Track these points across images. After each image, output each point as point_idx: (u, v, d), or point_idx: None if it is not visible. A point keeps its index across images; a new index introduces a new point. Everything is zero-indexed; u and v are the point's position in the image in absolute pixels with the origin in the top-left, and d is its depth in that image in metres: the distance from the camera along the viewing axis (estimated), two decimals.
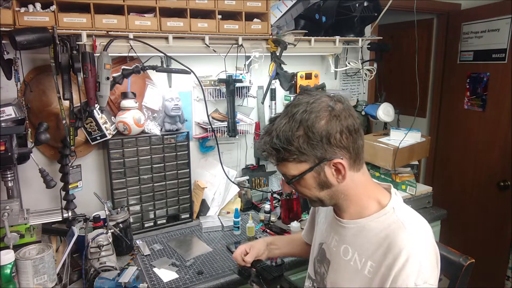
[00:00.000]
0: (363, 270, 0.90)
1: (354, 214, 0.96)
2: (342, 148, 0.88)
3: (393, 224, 0.89)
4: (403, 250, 0.83)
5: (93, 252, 1.37)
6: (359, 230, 0.94)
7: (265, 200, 2.21)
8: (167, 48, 1.66)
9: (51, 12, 1.40)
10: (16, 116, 1.40)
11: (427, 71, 3.11)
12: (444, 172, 3.08)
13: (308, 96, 0.91)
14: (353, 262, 0.93)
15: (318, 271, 1.06)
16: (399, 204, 0.94)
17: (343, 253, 0.97)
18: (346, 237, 0.97)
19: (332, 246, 1.01)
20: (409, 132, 2.10)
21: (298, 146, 0.87)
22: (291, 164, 0.90)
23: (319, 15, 1.99)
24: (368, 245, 0.91)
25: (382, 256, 0.86)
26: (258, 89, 2.19)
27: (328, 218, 1.08)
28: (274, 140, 0.89)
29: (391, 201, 0.94)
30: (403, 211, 0.92)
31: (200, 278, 1.45)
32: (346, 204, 0.96)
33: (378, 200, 0.95)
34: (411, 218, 0.90)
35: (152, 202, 1.88)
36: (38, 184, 1.58)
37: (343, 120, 0.87)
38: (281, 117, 0.91)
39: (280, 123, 0.90)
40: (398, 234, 0.86)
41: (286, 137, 0.87)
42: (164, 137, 1.85)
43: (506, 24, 2.48)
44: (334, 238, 1.01)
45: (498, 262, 2.67)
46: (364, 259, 0.91)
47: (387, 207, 0.92)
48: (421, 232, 0.87)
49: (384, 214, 0.92)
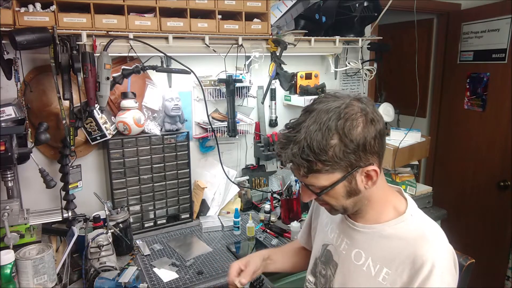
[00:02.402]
0: (377, 276, 0.88)
1: (371, 219, 0.94)
2: (374, 153, 0.85)
3: (413, 232, 0.87)
4: (427, 262, 0.81)
5: (93, 252, 1.37)
6: (375, 236, 0.92)
7: (265, 200, 2.21)
8: (167, 48, 1.66)
9: (51, 12, 1.40)
10: (16, 116, 1.40)
11: (427, 71, 3.11)
12: (444, 172, 3.08)
13: (335, 99, 0.85)
14: (366, 268, 0.91)
15: (323, 273, 1.04)
16: (416, 211, 0.93)
17: (355, 258, 0.94)
18: (360, 241, 0.95)
19: (342, 249, 0.99)
20: (409, 132, 2.10)
21: (333, 156, 0.81)
22: (322, 175, 0.84)
23: (319, 15, 1.99)
24: (384, 252, 0.89)
25: (402, 265, 0.85)
26: (258, 89, 2.19)
27: (335, 220, 1.06)
28: (306, 151, 0.81)
29: (408, 208, 0.92)
30: (421, 219, 0.91)
31: (200, 278, 1.45)
32: (366, 209, 0.94)
33: (394, 205, 0.94)
34: (430, 227, 0.89)
35: (152, 202, 1.88)
36: (38, 184, 1.58)
37: (377, 124, 0.84)
38: (308, 124, 0.83)
39: (309, 131, 0.81)
40: (421, 245, 0.84)
41: (320, 146, 0.80)
42: (164, 137, 1.85)
43: (506, 24, 2.48)
44: (345, 241, 0.99)
45: (498, 262, 2.67)
46: (379, 265, 0.89)
47: (405, 214, 0.91)
48: (441, 242, 0.86)
49: (402, 221, 0.90)
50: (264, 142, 2.14)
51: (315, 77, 2.17)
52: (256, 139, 2.26)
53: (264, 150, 2.14)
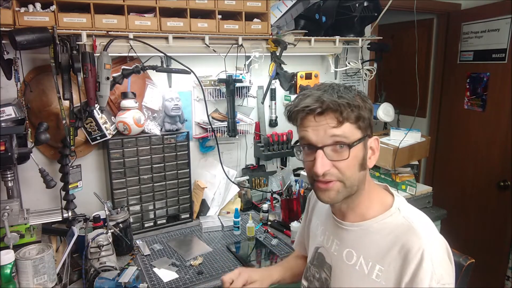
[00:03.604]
0: (370, 274, 0.87)
1: (358, 216, 0.94)
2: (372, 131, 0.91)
3: (401, 226, 0.87)
4: (416, 254, 0.81)
5: (93, 252, 1.37)
6: (363, 233, 0.92)
7: (265, 200, 2.21)
8: (167, 48, 1.66)
9: (51, 12, 1.40)
10: (16, 116, 1.40)
11: (427, 71, 3.11)
12: (444, 172, 3.08)
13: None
14: (359, 267, 0.90)
15: (316, 276, 1.03)
16: (404, 204, 0.93)
17: (346, 258, 0.94)
18: (349, 240, 0.94)
19: (333, 250, 0.98)
20: (409, 132, 2.10)
21: (363, 111, 0.85)
22: (350, 126, 0.84)
23: (319, 15, 1.99)
24: (374, 249, 0.88)
25: (394, 261, 0.84)
26: (258, 89, 2.19)
27: (324, 222, 1.05)
28: (343, 95, 0.84)
29: (395, 202, 0.92)
30: (409, 211, 0.91)
31: (200, 278, 1.45)
32: (355, 202, 0.93)
33: (381, 200, 0.94)
34: (418, 219, 0.88)
35: (152, 202, 1.88)
36: (38, 184, 1.58)
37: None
38: (330, 87, 0.87)
39: (339, 90, 0.86)
40: (408, 237, 0.84)
41: (350, 97, 0.85)
42: (164, 137, 1.85)
43: (506, 24, 2.48)
44: (335, 241, 0.98)
45: (498, 262, 2.67)
46: (371, 263, 0.88)
47: (392, 208, 0.91)
48: (430, 232, 0.85)
49: (390, 216, 0.90)
50: (264, 142, 2.14)
51: (315, 77, 2.16)
52: (256, 139, 2.26)
53: (264, 150, 2.14)
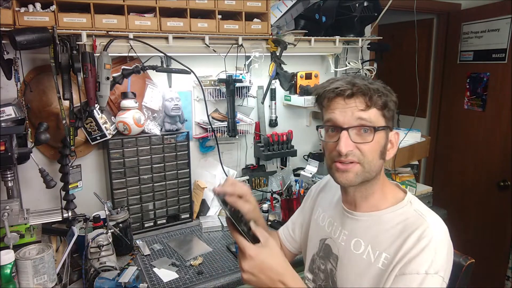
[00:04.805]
0: (376, 263, 0.89)
1: (371, 206, 0.96)
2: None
3: (412, 217, 0.89)
4: (423, 238, 0.83)
5: (93, 252, 1.37)
6: (374, 223, 0.94)
7: (265, 200, 2.21)
8: (167, 48, 1.66)
9: (51, 12, 1.40)
10: (16, 116, 1.40)
11: (427, 71, 3.11)
12: (444, 172, 3.08)
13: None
14: (366, 256, 0.92)
15: (322, 268, 1.04)
16: (415, 199, 0.96)
17: (354, 247, 0.95)
18: (358, 230, 0.96)
19: (340, 240, 0.99)
20: (409, 132, 2.10)
21: (387, 96, 0.89)
22: (377, 112, 0.88)
23: (319, 15, 1.99)
24: (383, 237, 0.90)
25: (399, 246, 0.86)
26: (258, 89, 2.19)
27: (332, 213, 1.07)
28: (374, 82, 0.89)
29: (407, 196, 0.96)
30: (420, 205, 0.94)
31: (200, 278, 1.45)
32: (369, 191, 0.95)
33: (393, 195, 0.97)
34: (429, 213, 0.91)
35: (152, 202, 1.88)
36: (38, 184, 1.58)
37: None
38: (355, 76, 0.94)
39: (363, 78, 0.91)
40: (417, 224, 0.87)
41: (379, 85, 0.89)
42: (164, 137, 1.85)
43: (506, 24, 2.48)
44: (343, 232, 1.00)
45: (498, 262, 2.68)
46: (378, 252, 0.90)
47: (404, 200, 0.94)
48: (439, 226, 0.88)
49: (402, 207, 0.93)
50: (264, 142, 2.14)
51: (315, 77, 2.17)
52: (256, 139, 2.26)
53: (264, 150, 2.14)
